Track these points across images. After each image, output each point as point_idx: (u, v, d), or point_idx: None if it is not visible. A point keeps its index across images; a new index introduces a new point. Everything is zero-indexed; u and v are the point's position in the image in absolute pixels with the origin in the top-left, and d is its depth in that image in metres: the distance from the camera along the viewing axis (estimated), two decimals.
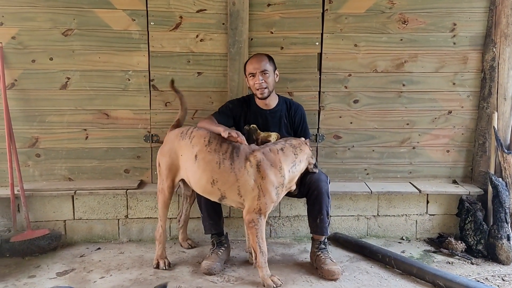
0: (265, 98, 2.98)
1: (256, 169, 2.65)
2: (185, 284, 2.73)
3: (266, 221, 3.29)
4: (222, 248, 3.00)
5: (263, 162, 2.66)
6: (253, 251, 2.75)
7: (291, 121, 3.10)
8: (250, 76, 2.97)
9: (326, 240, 2.98)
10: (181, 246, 3.29)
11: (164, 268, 2.91)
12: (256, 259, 2.72)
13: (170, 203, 2.99)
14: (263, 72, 2.92)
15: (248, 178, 2.66)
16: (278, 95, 3.13)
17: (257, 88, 2.94)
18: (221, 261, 2.93)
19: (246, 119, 3.06)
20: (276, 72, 3.02)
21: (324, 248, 2.94)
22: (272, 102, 3.05)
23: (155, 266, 2.93)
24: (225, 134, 2.73)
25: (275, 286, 2.66)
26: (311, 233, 2.98)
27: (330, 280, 2.80)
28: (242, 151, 2.72)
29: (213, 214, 2.98)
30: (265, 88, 2.93)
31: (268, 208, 2.68)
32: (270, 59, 3.00)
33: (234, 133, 2.74)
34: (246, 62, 3.04)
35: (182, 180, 2.97)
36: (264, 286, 2.69)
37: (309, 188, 2.88)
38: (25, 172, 3.32)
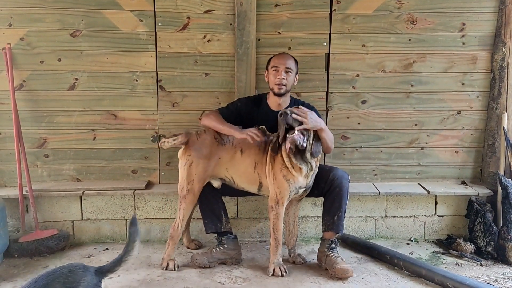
0: (281, 95, 2.96)
1: (269, 154, 2.85)
2: (192, 285, 2.73)
3: None
4: (220, 247, 3.00)
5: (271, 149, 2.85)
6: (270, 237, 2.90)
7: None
8: (273, 70, 2.96)
9: (336, 239, 2.98)
10: (188, 248, 3.29)
11: (173, 269, 2.91)
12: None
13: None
14: (287, 69, 2.93)
15: (268, 161, 2.86)
16: (291, 97, 3.11)
17: (277, 83, 2.93)
18: (211, 257, 2.95)
19: (255, 119, 3.05)
20: (297, 76, 3.03)
21: (334, 248, 2.94)
22: (285, 103, 3.04)
23: (164, 267, 2.92)
24: (242, 136, 2.82)
25: (273, 274, 2.81)
26: (324, 230, 2.96)
27: (343, 279, 2.80)
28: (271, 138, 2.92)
29: (209, 213, 3.01)
30: (284, 85, 2.93)
31: (283, 195, 2.79)
32: (296, 61, 3.02)
33: (253, 134, 2.81)
34: (272, 57, 3.03)
35: None
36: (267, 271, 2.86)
37: (331, 185, 2.89)
38: (33, 172, 3.34)
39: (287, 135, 2.67)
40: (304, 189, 2.86)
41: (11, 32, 3.24)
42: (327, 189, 2.92)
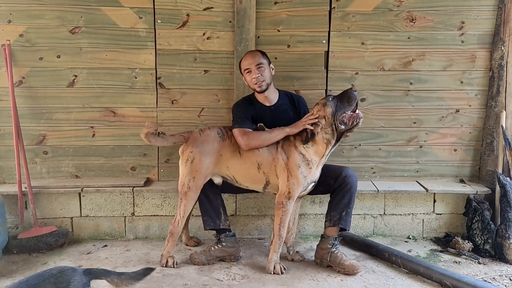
0: (263, 91, 2.97)
1: (282, 149, 2.87)
2: (191, 282, 2.73)
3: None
4: (219, 245, 3.01)
5: (285, 143, 2.89)
6: (273, 234, 2.91)
7: (297, 113, 3.09)
8: (247, 72, 2.97)
9: (338, 237, 2.99)
10: (187, 245, 3.30)
11: (172, 266, 2.91)
12: (272, 240, 2.89)
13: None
14: (258, 66, 2.93)
15: (279, 157, 2.87)
16: (277, 89, 3.11)
17: (255, 83, 2.95)
18: (209, 256, 2.98)
19: (253, 117, 3.05)
20: (271, 65, 3.02)
21: (337, 245, 2.95)
22: (273, 96, 3.05)
23: (163, 264, 2.92)
24: (299, 129, 2.85)
25: (274, 272, 2.83)
26: (329, 226, 2.96)
27: (352, 275, 2.83)
28: None
29: (208, 210, 3.02)
30: (262, 81, 2.94)
31: (295, 190, 2.82)
32: (263, 53, 3.02)
33: (309, 120, 2.83)
34: (240, 61, 3.04)
35: None
36: (267, 268, 2.87)
37: (343, 182, 2.92)
38: (32, 169, 3.34)
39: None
40: (313, 183, 2.91)
41: (11, 29, 3.24)
42: (337, 186, 2.93)
